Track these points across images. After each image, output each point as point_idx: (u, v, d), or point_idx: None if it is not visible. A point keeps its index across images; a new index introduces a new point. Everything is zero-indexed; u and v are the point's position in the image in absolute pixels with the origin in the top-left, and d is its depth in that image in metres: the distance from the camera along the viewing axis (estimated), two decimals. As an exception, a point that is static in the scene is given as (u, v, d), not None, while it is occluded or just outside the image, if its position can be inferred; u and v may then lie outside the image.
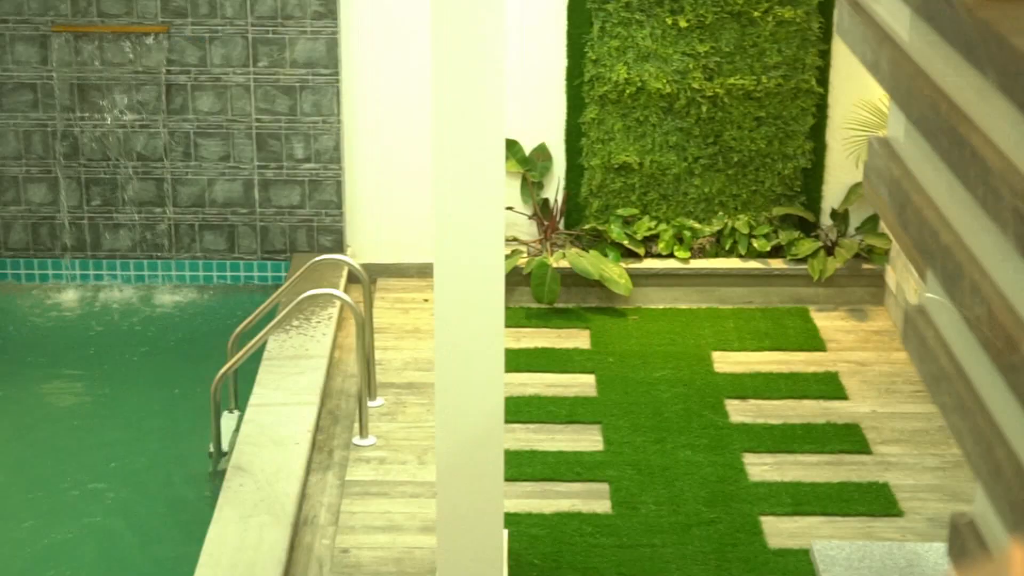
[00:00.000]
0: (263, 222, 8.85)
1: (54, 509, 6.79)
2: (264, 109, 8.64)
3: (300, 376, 7.45)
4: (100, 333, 8.52)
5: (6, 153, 8.75)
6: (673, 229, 8.70)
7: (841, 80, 8.55)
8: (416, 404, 7.58)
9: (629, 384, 7.70)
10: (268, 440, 6.84)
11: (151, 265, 8.95)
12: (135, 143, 8.73)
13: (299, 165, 8.74)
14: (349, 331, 8.36)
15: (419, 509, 6.66)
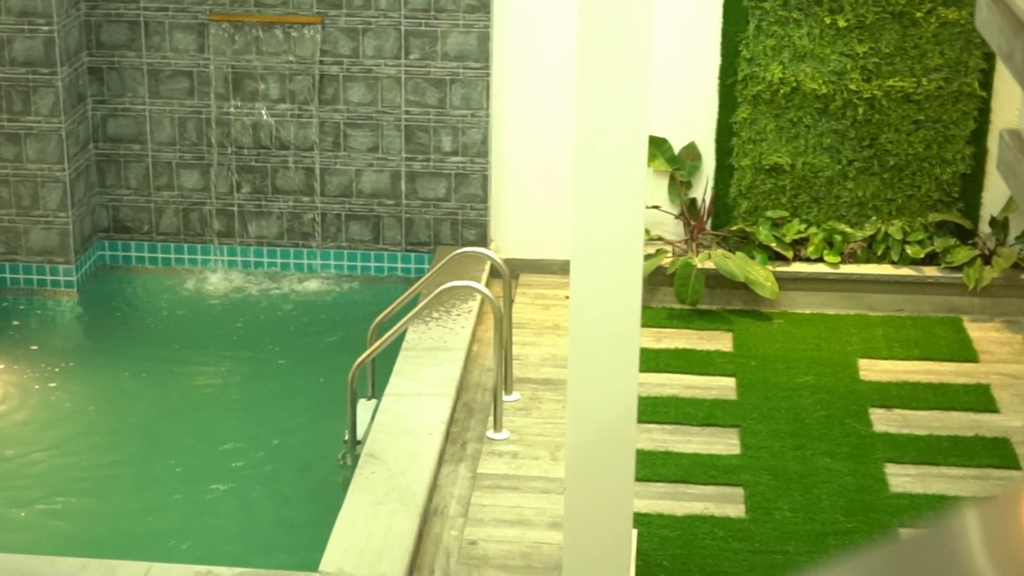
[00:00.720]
0: (408, 214, 8.94)
1: (193, 484, 6.94)
2: (414, 101, 8.73)
3: (437, 368, 7.50)
4: (244, 319, 8.68)
5: (161, 139, 8.97)
6: (823, 233, 8.58)
7: (1005, 84, 8.35)
8: (552, 400, 7.58)
9: (770, 388, 7.61)
10: (402, 430, 6.90)
11: (297, 253, 9.09)
12: (286, 132, 8.88)
13: (446, 158, 8.81)
14: (488, 325, 8.39)
15: (549, 505, 6.66)
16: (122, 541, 6.52)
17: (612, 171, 5.12)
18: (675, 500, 6.66)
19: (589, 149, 5.10)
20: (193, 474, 7.07)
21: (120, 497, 6.96)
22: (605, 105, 5.07)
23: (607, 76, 5.05)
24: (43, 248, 8.77)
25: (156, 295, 8.99)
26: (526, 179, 8.89)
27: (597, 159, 5.11)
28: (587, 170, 5.13)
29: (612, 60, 5.05)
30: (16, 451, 7.28)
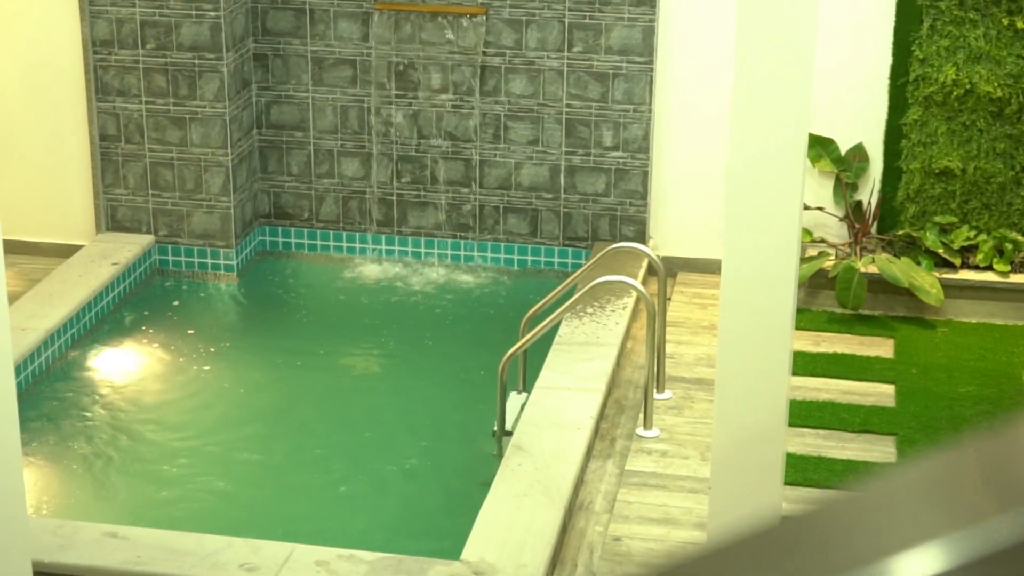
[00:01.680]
0: (566, 208, 8.97)
1: (338, 470, 7.06)
2: (575, 95, 8.76)
3: (589, 363, 7.52)
4: (399, 308, 8.79)
5: (323, 127, 9.13)
6: (994, 240, 8.41)
7: None
8: (704, 400, 7.55)
9: (931, 397, 7.48)
10: (550, 423, 6.93)
11: (454, 245, 9.19)
12: (447, 123, 8.98)
13: (606, 153, 8.82)
14: (643, 322, 8.39)
15: (696, 505, 6.64)
16: (265, 523, 6.66)
17: (768, 167, 5.09)
18: (826, 506, 6.58)
19: (744, 145, 5.08)
20: (338, 460, 7.18)
21: (265, 479, 7.11)
22: (762, 101, 5.04)
23: (765, 71, 5.02)
24: (205, 231, 8.99)
25: (313, 282, 9.16)
26: (687, 177, 8.87)
27: (753, 156, 5.08)
28: (742, 166, 5.11)
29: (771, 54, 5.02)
30: (167, 431, 7.48)
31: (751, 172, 5.09)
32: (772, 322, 5.30)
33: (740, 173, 5.10)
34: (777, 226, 5.18)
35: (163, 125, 8.85)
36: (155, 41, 8.70)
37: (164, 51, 8.71)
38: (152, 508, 6.80)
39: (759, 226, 5.17)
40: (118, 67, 8.79)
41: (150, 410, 7.64)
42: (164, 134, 8.87)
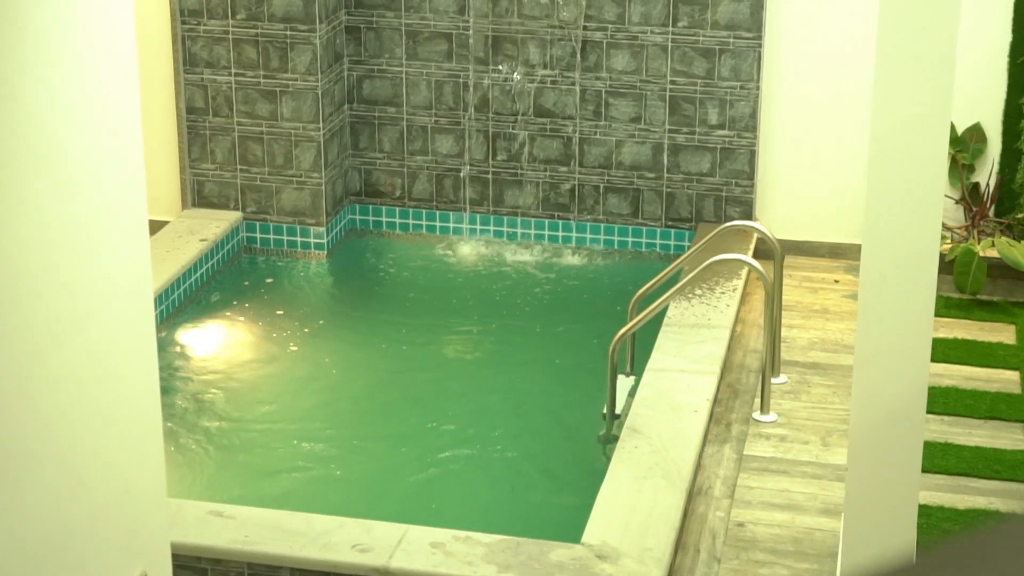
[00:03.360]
0: (670, 188, 8.83)
1: (443, 451, 6.95)
2: (680, 71, 8.62)
3: (701, 345, 7.38)
4: (494, 289, 8.68)
5: (417, 103, 9.02)
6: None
7: None
8: (821, 384, 7.40)
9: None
10: (665, 405, 6.80)
11: (552, 225, 9.06)
12: (546, 99, 8.86)
13: (712, 131, 8.68)
14: (752, 305, 8.25)
15: (821, 491, 6.49)
16: (371, 505, 6.55)
17: (910, 155, 4.97)
18: (956, 493, 6.42)
19: (886, 130, 4.95)
20: (444, 442, 7.07)
21: (363, 461, 7.00)
22: (905, 85, 4.91)
23: (908, 56, 4.88)
24: (295, 208, 8.90)
25: (406, 261, 9.05)
26: (795, 157, 8.70)
27: (894, 141, 4.96)
28: (884, 153, 4.99)
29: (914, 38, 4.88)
30: (259, 411, 7.38)
31: (894, 154, 4.96)
32: (913, 304, 5.17)
33: (883, 154, 4.97)
34: (918, 207, 5.05)
35: (252, 98, 8.77)
36: (246, 11, 8.61)
37: (255, 21, 8.62)
38: (252, 488, 6.70)
39: (900, 207, 5.04)
40: (207, 38, 8.71)
41: (241, 391, 7.56)
42: (254, 107, 8.78)
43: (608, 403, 7.11)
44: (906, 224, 5.08)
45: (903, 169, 5.02)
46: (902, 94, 4.93)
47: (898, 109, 4.94)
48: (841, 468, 6.65)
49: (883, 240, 5.13)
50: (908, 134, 4.96)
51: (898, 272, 5.15)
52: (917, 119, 4.94)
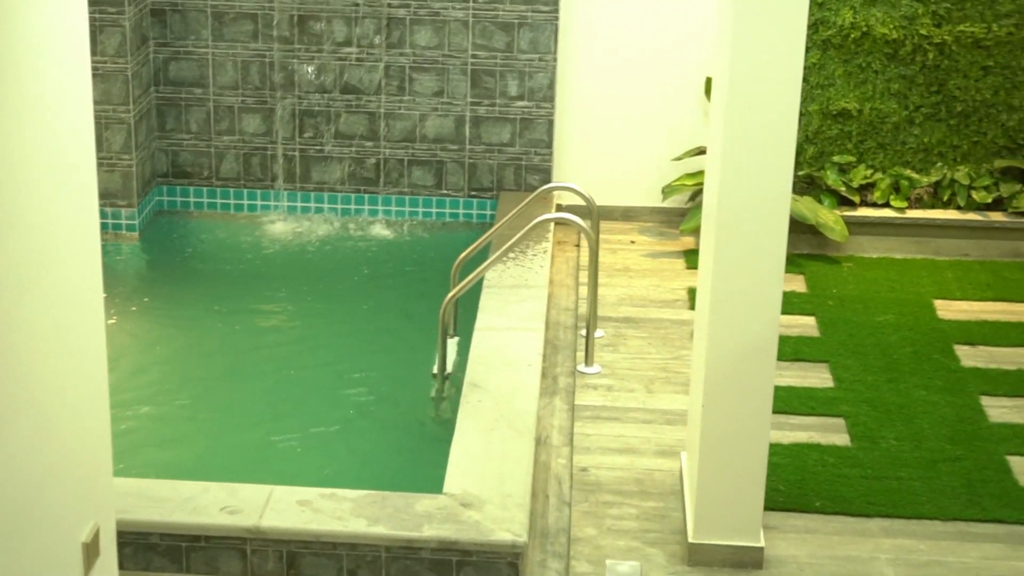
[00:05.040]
0: (472, 159, 8.81)
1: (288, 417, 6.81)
2: (481, 45, 8.60)
3: (523, 304, 7.39)
4: (307, 264, 8.53)
5: (223, 83, 8.80)
6: (890, 178, 8.53)
7: (1072, 30, 8.33)
8: (636, 337, 7.50)
9: (852, 327, 7.55)
10: (500, 361, 6.79)
11: (359, 199, 8.95)
12: (351, 76, 8.73)
13: (512, 103, 8.69)
14: (558, 267, 8.30)
15: (653, 434, 6.57)
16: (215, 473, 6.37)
17: (762, 115, 5.11)
18: (779, 430, 6.58)
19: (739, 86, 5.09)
20: (279, 411, 6.92)
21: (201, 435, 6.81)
22: (755, 59, 5.06)
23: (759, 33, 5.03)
24: (105, 191, 8.58)
25: (218, 240, 8.82)
26: (591, 125, 8.78)
27: (747, 102, 5.10)
28: (736, 110, 5.13)
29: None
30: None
31: (747, 111, 5.10)
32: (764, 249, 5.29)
33: (734, 117, 5.10)
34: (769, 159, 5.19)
35: (58, 83, 8.40)
36: (50, -4, 8.25)
37: (59, 6, 8.26)
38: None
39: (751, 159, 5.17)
40: (9, 23, 8.32)
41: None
42: (60, 92, 8.41)
43: (439, 362, 7.07)
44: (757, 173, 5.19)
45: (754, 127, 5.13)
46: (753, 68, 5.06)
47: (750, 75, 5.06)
48: (669, 412, 6.76)
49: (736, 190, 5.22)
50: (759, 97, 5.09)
51: (750, 219, 5.25)
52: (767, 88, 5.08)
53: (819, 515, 5.97)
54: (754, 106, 5.12)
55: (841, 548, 5.75)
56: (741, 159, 5.19)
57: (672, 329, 7.58)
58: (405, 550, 5.44)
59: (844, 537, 5.82)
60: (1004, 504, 6.02)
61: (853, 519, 5.94)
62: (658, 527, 5.88)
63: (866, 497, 6.06)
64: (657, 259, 8.42)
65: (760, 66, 5.08)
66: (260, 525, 5.46)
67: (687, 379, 7.04)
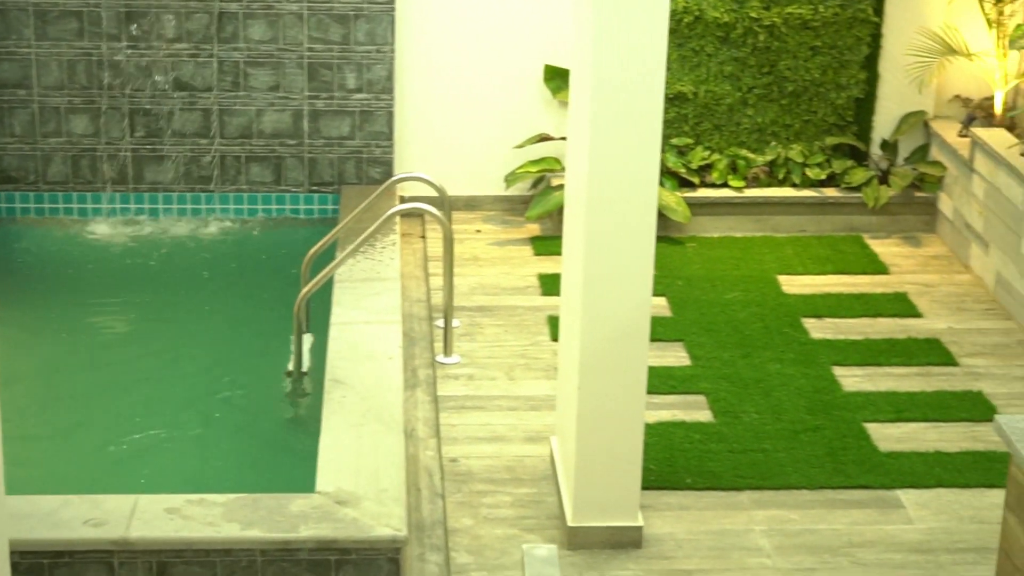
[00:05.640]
0: (311, 153, 8.60)
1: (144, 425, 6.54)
2: (317, 38, 8.39)
3: (377, 297, 7.23)
4: (147, 269, 8.23)
5: (48, 83, 8.43)
6: (727, 159, 8.58)
7: (896, 9, 8.45)
8: (492, 325, 7.40)
9: (702, 305, 7.56)
10: (361, 355, 6.62)
11: (195, 198, 8.66)
12: (183, 73, 8.45)
13: (350, 95, 8.50)
14: (406, 259, 8.15)
15: (519, 421, 6.49)
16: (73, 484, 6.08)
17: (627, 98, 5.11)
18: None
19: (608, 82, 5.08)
20: (137, 418, 6.64)
21: (52, 442, 6.50)
22: (620, 47, 5.05)
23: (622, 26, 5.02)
24: (-71, 199, 8.16)
25: (46, 249, 8.43)
26: (431, 116, 8.65)
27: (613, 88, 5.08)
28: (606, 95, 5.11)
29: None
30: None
31: (614, 98, 5.09)
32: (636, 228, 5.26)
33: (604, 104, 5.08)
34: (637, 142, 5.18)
35: None
36: None
37: None
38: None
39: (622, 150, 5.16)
40: None
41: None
42: None
43: (295, 360, 6.88)
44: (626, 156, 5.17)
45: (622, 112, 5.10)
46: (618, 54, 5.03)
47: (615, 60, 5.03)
48: (533, 398, 6.68)
49: (605, 173, 5.19)
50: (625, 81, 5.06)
51: (620, 201, 5.22)
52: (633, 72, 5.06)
53: (691, 491, 5.95)
54: (620, 90, 5.09)
55: (716, 522, 5.74)
56: (610, 143, 5.14)
57: (527, 316, 7.49)
58: (282, 552, 5.25)
59: (717, 511, 5.81)
60: (867, 470, 6.08)
61: (724, 493, 5.93)
62: (534, 513, 5.79)
63: (734, 471, 6.06)
64: (504, 247, 8.33)
65: (625, 51, 5.05)
66: (127, 536, 5.22)
67: (547, 364, 6.96)
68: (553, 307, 7.55)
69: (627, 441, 5.45)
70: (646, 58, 5.06)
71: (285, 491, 5.58)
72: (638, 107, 5.12)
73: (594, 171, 5.18)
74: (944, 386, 6.79)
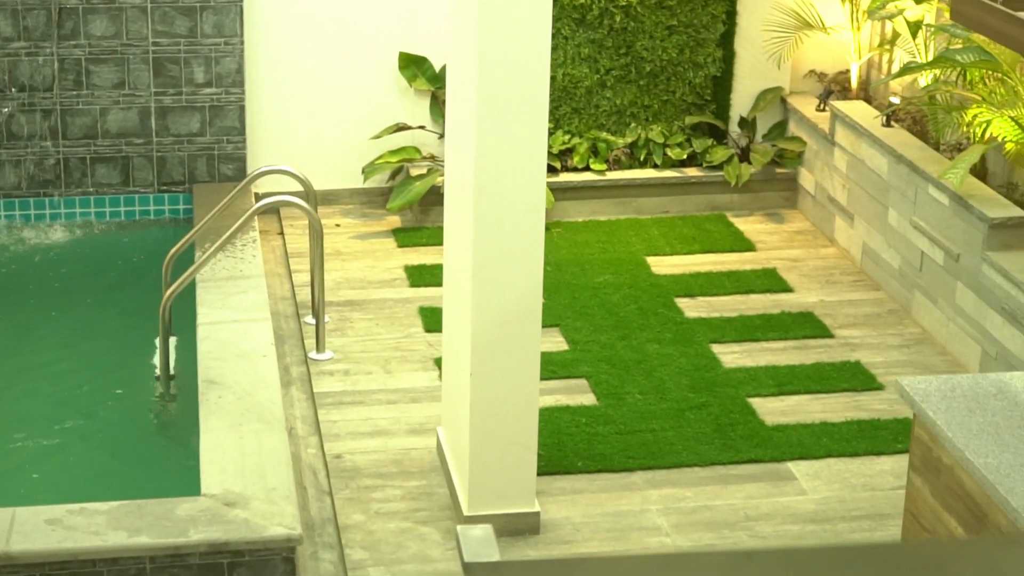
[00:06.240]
0: (160, 152, 8.47)
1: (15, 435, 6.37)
2: (162, 32, 8.26)
3: (243, 295, 7.15)
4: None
5: None
6: (587, 142, 8.67)
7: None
8: (362, 319, 7.37)
9: (575, 289, 7.64)
10: (233, 355, 6.54)
11: (38, 203, 8.46)
12: (21, 72, 8.25)
13: (199, 90, 8.39)
14: (267, 257, 8.08)
15: (400, 414, 6.47)
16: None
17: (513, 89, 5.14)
18: (525, 396, 6.58)
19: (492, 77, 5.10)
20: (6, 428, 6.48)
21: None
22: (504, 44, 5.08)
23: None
24: None
25: None
26: (284, 109, 8.57)
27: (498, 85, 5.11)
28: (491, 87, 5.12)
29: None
30: None
31: (499, 91, 5.12)
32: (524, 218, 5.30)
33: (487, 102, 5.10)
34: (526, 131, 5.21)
35: None
36: None
37: None
38: None
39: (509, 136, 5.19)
40: None
41: None
42: None
43: (162, 363, 6.77)
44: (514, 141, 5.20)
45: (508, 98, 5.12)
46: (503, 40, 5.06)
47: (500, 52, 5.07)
48: (412, 390, 6.68)
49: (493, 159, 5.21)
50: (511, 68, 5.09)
51: (509, 187, 5.25)
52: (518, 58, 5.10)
53: (583, 475, 6.00)
54: (507, 75, 5.12)
55: (611, 504, 5.80)
56: (497, 128, 5.17)
57: (397, 308, 7.48)
58: (172, 559, 5.18)
59: (612, 493, 5.88)
60: (755, 444, 6.20)
61: (616, 475, 6.01)
62: (426, 505, 5.79)
63: (624, 452, 6.13)
64: (366, 240, 8.31)
65: (510, 35, 5.07)
66: (8, 551, 5.09)
67: (423, 356, 6.96)
68: (424, 298, 7.56)
69: (522, 426, 5.48)
70: (531, 42, 5.10)
71: (169, 496, 5.50)
72: (525, 90, 5.16)
73: (481, 155, 5.20)
74: (822, 358, 6.96)
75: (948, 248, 6.95)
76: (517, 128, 5.17)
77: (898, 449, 6.17)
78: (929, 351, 7.05)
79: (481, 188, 5.23)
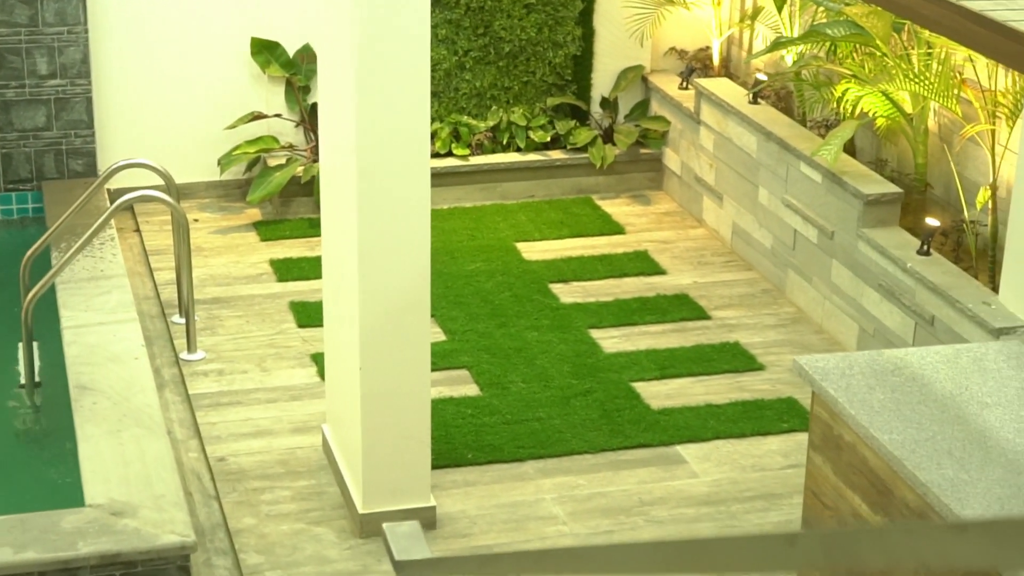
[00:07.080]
0: (5, 148, 8.36)
1: None
2: (1, 21, 8.16)
3: (107, 296, 7.13)
4: None
5: None
6: (449, 127, 8.78)
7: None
8: (231, 317, 7.40)
9: (446, 278, 7.75)
10: (103, 358, 6.53)
11: None
12: None
13: (43, 82, 8.30)
14: (125, 256, 8.04)
15: (282, 413, 6.53)
16: None
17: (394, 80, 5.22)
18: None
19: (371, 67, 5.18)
20: None
21: None
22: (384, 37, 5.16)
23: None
24: None
25: None
26: (133, 100, 8.52)
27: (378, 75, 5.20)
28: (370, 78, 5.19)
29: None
30: None
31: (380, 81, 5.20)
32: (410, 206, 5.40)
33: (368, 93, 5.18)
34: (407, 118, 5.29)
35: None
36: None
37: None
38: None
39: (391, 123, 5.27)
40: None
41: None
42: None
43: (27, 370, 6.73)
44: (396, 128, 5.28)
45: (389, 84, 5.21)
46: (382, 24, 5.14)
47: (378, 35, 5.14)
48: (291, 388, 6.74)
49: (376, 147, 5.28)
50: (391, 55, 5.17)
51: (394, 175, 5.33)
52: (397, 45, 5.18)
53: (474, 467, 6.14)
54: (386, 64, 5.18)
55: (505, 495, 5.94)
56: (378, 113, 5.24)
57: (266, 304, 7.52)
58: (62, 572, 5.18)
59: (505, 484, 6.02)
60: (644, 429, 6.40)
61: (507, 465, 6.15)
62: (318, 505, 5.87)
63: (513, 442, 6.28)
64: (227, 235, 8.32)
65: (388, 18, 5.14)
66: None
67: (298, 352, 7.03)
68: (293, 293, 7.61)
69: (415, 420, 5.59)
70: (410, 23, 5.18)
71: (51, 508, 5.50)
72: (405, 72, 5.23)
73: (363, 143, 5.27)
74: (701, 340, 7.19)
75: (822, 226, 7.23)
76: (399, 111, 5.25)
77: (783, 429, 6.42)
78: (806, 330, 7.32)
79: (364, 175, 5.29)
